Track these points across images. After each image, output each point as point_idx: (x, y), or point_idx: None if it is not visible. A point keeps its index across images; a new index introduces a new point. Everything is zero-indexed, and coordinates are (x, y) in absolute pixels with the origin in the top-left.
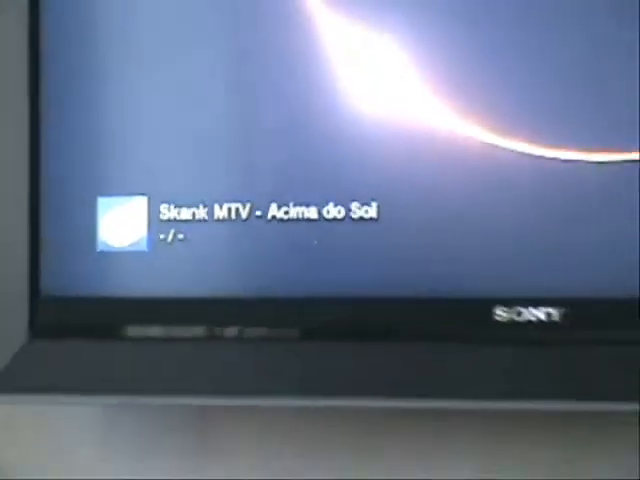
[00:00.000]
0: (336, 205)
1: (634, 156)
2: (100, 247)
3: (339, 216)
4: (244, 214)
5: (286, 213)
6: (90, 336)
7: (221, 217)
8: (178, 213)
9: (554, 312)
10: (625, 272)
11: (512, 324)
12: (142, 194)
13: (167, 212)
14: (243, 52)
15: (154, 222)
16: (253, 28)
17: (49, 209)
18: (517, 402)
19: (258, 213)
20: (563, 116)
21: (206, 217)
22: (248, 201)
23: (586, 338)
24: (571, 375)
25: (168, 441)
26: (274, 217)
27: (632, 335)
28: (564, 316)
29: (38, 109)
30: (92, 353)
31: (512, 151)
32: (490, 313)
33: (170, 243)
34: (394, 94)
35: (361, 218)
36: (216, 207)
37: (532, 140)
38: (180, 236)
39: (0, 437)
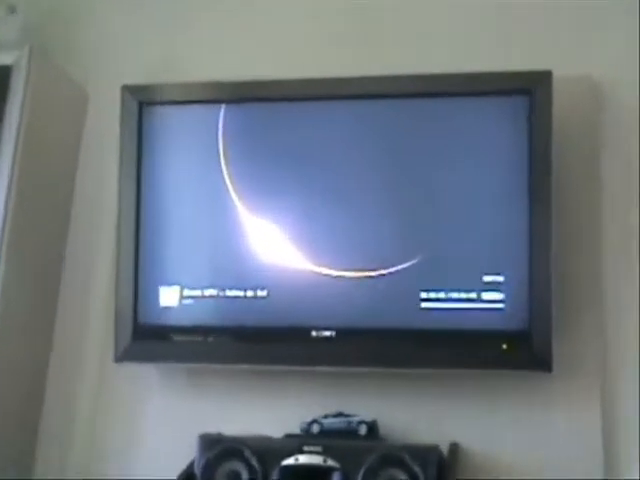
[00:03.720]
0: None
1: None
2: (162, 304)
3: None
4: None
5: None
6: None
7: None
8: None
9: None
10: None
11: None
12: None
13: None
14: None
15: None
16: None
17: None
18: None
19: (215, 293)
20: (349, 259)
21: (198, 294)
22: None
23: None
24: None
25: None
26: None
27: None
28: None
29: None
30: None
31: (322, 274)
32: None
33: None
34: (276, 246)
35: (255, 296)
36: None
37: (331, 267)
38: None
39: None
